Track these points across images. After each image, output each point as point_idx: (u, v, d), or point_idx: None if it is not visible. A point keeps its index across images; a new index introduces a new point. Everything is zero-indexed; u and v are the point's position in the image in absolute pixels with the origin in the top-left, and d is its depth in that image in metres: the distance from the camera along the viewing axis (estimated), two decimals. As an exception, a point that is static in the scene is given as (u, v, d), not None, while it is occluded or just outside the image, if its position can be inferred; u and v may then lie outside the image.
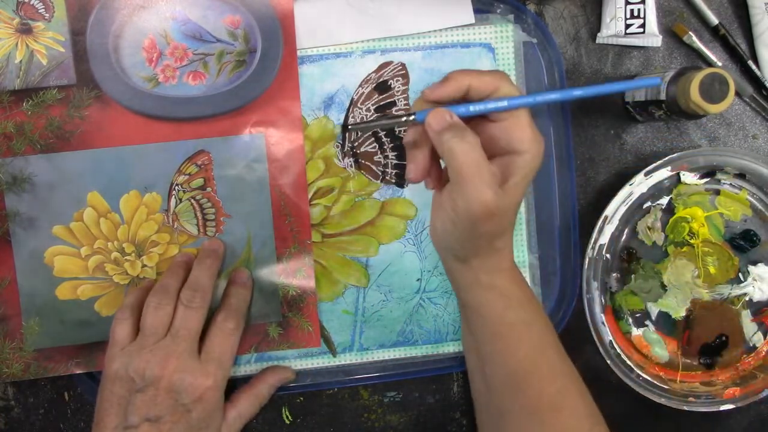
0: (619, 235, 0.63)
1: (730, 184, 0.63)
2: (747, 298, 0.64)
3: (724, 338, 0.64)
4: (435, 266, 0.62)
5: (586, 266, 0.61)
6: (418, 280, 0.62)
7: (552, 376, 0.54)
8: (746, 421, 0.67)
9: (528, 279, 0.63)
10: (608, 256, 0.63)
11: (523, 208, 0.62)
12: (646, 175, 0.60)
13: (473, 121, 0.51)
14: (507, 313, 0.54)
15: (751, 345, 0.64)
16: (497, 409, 0.56)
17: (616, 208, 0.61)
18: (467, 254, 0.52)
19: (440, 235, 0.53)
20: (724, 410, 0.62)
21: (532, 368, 0.54)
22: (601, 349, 0.61)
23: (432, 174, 0.53)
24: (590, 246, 0.61)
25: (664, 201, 0.63)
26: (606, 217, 0.61)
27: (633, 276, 0.64)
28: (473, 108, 0.49)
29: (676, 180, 0.63)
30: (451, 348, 0.63)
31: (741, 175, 0.63)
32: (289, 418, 0.64)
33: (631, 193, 0.61)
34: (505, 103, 0.48)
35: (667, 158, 0.60)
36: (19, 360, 0.59)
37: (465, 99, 0.50)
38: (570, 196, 0.63)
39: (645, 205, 0.63)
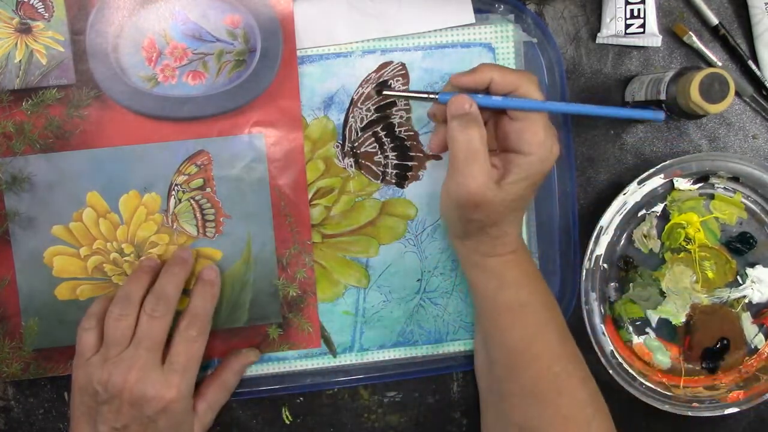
0: (615, 244, 0.63)
1: (724, 187, 0.63)
2: (746, 301, 0.64)
3: (725, 342, 0.64)
4: (435, 266, 0.62)
5: (583, 278, 0.61)
6: (418, 280, 0.62)
7: (551, 358, 0.55)
8: (746, 422, 0.67)
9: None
10: (605, 266, 0.63)
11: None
12: (639, 183, 0.60)
13: (497, 114, 0.53)
14: (500, 294, 0.55)
15: (753, 347, 0.64)
16: (498, 392, 0.57)
17: (611, 218, 0.61)
18: (459, 234, 0.56)
19: (441, 209, 0.56)
20: (728, 414, 0.62)
21: (529, 349, 0.55)
22: (602, 359, 0.61)
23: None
24: (587, 257, 0.61)
25: (658, 208, 0.63)
26: (601, 228, 0.61)
27: (631, 284, 0.64)
28: (486, 100, 0.51)
29: (670, 186, 0.62)
30: (451, 348, 0.63)
31: (734, 179, 0.62)
32: (289, 418, 0.64)
33: (625, 203, 0.61)
34: (514, 103, 0.51)
35: (659, 166, 0.60)
36: (19, 360, 0.59)
37: (488, 91, 0.52)
38: (570, 196, 0.63)
39: (640, 213, 0.63)
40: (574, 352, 0.56)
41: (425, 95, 0.54)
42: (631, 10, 0.62)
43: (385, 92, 0.56)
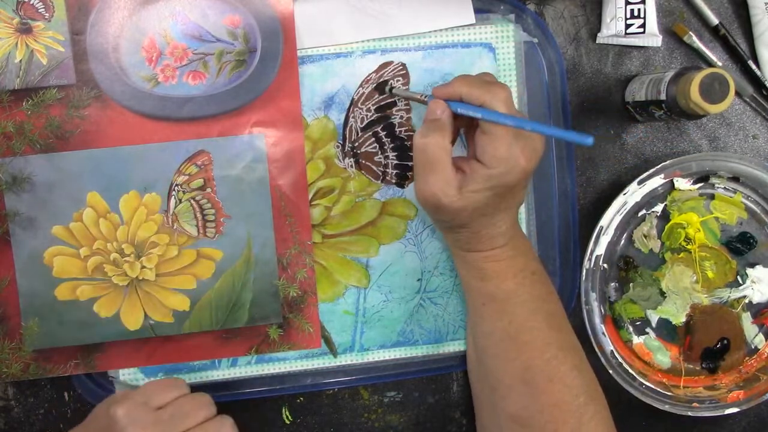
0: (615, 244, 0.63)
1: (724, 187, 0.63)
2: (746, 301, 0.64)
3: (725, 342, 0.64)
4: (435, 266, 0.62)
5: (583, 278, 0.61)
6: (418, 280, 0.62)
7: (542, 346, 0.55)
8: (746, 422, 0.67)
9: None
10: (605, 266, 0.63)
11: (523, 208, 0.62)
12: (639, 183, 0.60)
13: (475, 123, 0.53)
14: (483, 285, 0.56)
15: (753, 347, 0.64)
16: (490, 385, 0.57)
17: (611, 218, 0.61)
18: (437, 228, 0.59)
19: None
20: (728, 414, 0.62)
21: (518, 338, 0.55)
22: (602, 359, 0.61)
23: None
24: (587, 257, 0.61)
25: (658, 208, 0.63)
26: (601, 228, 0.61)
27: (631, 284, 0.64)
28: (461, 108, 0.52)
29: (670, 187, 0.62)
30: (451, 348, 0.63)
31: (735, 179, 0.62)
32: (289, 418, 0.64)
33: (625, 203, 0.61)
34: (478, 115, 0.51)
35: (659, 166, 0.60)
36: (19, 360, 0.59)
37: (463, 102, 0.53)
38: (570, 196, 0.63)
39: (640, 214, 0.63)
40: (569, 340, 0.56)
41: (418, 96, 0.56)
42: (631, 10, 0.62)
43: (394, 91, 0.59)
